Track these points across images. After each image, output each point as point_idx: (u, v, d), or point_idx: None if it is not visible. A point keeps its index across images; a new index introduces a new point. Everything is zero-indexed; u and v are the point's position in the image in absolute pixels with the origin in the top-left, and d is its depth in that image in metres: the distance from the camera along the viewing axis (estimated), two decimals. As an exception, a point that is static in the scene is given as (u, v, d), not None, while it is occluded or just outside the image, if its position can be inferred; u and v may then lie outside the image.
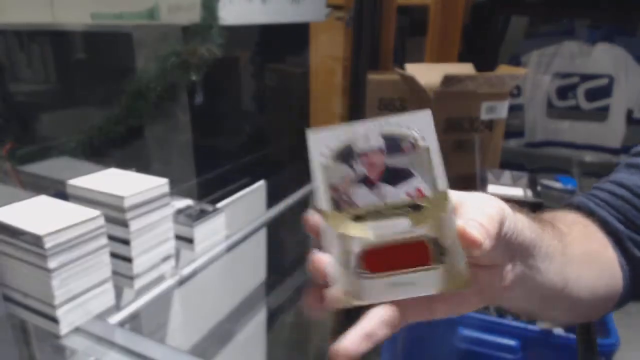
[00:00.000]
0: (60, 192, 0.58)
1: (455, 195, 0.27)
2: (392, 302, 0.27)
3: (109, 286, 0.54)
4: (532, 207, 0.75)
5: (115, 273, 0.56)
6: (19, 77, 0.93)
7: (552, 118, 1.66)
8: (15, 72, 0.93)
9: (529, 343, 0.72)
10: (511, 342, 0.72)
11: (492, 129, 0.91)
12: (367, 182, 0.26)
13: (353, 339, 0.26)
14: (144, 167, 0.81)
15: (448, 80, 0.83)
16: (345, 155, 0.27)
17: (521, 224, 0.29)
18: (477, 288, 0.29)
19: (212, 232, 0.69)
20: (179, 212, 0.68)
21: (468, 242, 0.25)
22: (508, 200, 0.30)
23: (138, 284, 0.59)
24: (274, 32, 1.04)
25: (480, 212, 0.26)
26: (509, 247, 0.29)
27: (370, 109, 1.15)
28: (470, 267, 0.26)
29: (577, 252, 0.36)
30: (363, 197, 0.26)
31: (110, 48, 0.86)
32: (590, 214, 0.42)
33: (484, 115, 0.89)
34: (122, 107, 0.68)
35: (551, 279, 0.32)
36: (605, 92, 1.58)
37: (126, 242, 0.57)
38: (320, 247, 0.26)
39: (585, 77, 1.60)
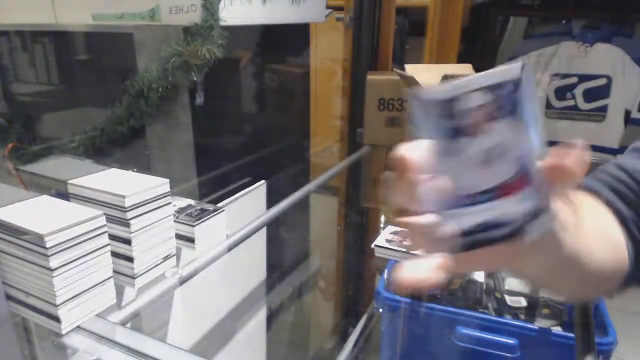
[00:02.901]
0: (62, 191, 0.59)
1: None
2: None
3: (110, 285, 0.54)
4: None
5: (116, 272, 0.56)
6: (20, 77, 0.94)
7: (550, 118, 1.67)
8: (18, 73, 0.93)
9: (528, 342, 0.72)
10: (510, 341, 0.72)
11: (491, 129, 0.91)
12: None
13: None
14: (145, 167, 0.82)
15: (447, 80, 0.83)
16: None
17: None
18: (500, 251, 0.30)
19: (213, 232, 0.70)
20: (180, 211, 0.69)
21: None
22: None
23: (139, 283, 0.59)
24: (275, 32, 1.05)
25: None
26: None
27: (370, 109, 1.15)
28: None
29: (589, 227, 0.36)
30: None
31: (111, 49, 0.86)
32: (595, 194, 0.42)
33: (483, 116, 0.89)
34: (123, 108, 0.69)
35: (566, 249, 0.33)
36: (603, 92, 1.58)
37: (127, 242, 0.57)
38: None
39: (584, 78, 1.60)
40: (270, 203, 0.90)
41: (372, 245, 0.76)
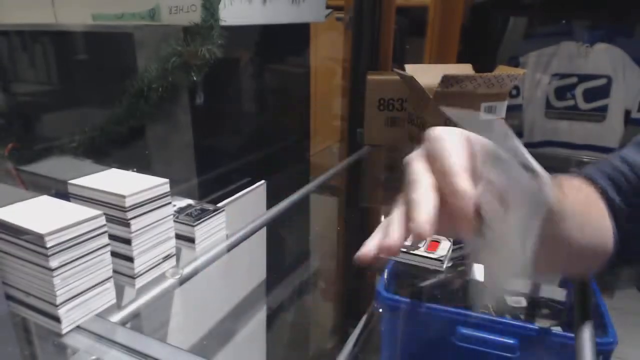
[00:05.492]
0: (62, 191, 0.59)
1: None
2: None
3: (110, 285, 0.54)
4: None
5: (116, 272, 0.56)
6: (20, 77, 0.94)
7: (550, 118, 1.67)
8: (17, 73, 0.93)
9: (528, 342, 0.72)
10: (510, 341, 0.72)
11: (491, 129, 0.91)
12: None
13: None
14: (144, 167, 0.82)
15: (447, 80, 0.83)
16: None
17: None
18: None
19: (213, 232, 0.70)
20: (180, 211, 0.69)
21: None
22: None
23: (139, 283, 0.59)
24: (275, 32, 1.05)
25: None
26: None
27: (370, 109, 1.15)
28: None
29: (578, 207, 0.40)
30: None
31: (111, 49, 0.86)
32: (592, 182, 0.45)
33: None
34: (123, 108, 0.69)
35: (551, 230, 0.35)
36: (603, 92, 1.58)
37: (127, 242, 0.57)
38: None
39: (584, 78, 1.60)
40: (270, 203, 0.90)
41: (372, 245, 0.76)
